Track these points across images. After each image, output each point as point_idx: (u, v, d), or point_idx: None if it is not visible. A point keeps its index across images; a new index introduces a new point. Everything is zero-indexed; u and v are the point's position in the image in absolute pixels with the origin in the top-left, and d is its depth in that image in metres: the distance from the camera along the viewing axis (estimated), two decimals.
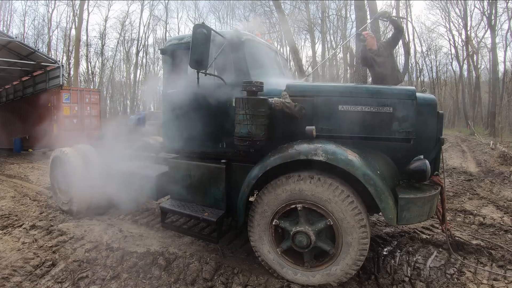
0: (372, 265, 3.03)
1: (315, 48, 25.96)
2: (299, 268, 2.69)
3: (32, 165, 9.15)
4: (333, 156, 2.41)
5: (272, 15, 21.98)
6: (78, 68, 23.65)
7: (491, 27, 21.33)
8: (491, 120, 20.01)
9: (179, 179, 3.39)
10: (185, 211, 3.21)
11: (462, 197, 5.39)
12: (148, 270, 2.89)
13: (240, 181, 2.92)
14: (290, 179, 2.56)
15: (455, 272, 2.89)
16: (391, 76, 4.34)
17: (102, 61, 32.65)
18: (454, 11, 27.83)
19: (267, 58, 3.55)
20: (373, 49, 4.44)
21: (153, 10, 34.84)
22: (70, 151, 4.53)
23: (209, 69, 2.89)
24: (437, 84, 32.42)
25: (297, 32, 27.30)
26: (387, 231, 3.92)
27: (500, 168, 7.81)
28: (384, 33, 23.75)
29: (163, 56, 3.57)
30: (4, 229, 3.93)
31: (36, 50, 10.92)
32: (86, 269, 2.93)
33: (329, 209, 2.46)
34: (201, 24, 2.70)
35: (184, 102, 3.28)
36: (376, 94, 2.75)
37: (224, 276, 2.81)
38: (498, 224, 4.09)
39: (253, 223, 2.79)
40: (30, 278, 2.79)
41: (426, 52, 32.27)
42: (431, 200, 2.49)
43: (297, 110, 2.78)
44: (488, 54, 25.84)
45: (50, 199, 5.36)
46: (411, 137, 2.66)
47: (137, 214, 4.59)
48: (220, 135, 3.13)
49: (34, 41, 28.73)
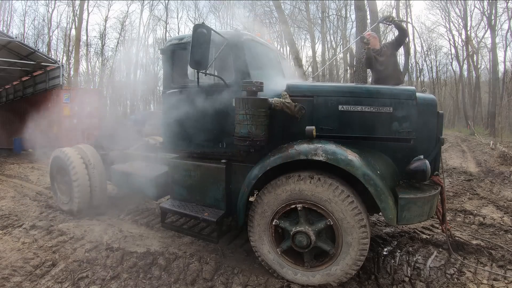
0: (372, 265, 3.03)
1: (315, 48, 25.96)
2: (299, 268, 2.69)
3: (32, 165, 9.15)
4: (333, 156, 2.41)
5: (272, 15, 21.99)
6: (78, 68, 23.66)
7: (491, 27, 21.35)
8: (491, 120, 20.02)
9: (179, 179, 3.39)
10: (185, 211, 3.21)
11: (462, 197, 5.39)
12: (148, 270, 2.89)
13: (240, 181, 2.92)
14: (290, 179, 2.56)
15: (455, 272, 2.89)
16: (392, 76, 4.35)
17: (102, 61, 32.66)
18: (454, 11, 27.87)
19: (267, 58, 3.55)
20: (376, 48, 4.47)
21: (153, 10, 34.79)
22: (70, 151, 4.53)
23: (209, 69, 2.89)
24: (437, 84, 32.41)
25: (297, 32, 27.31)
26: (387, 231, 3.92)
27: (500, 168, 7.81)
28: (384, 34, 23.78)
29: (163, 56, 3.57)
30: (4, 229, 3.93)
31: (36, 50, 10.91)
32: (86, 269, 2.93)
33: (329, 209, 2.46)
34: (201, 24, 2.70)
35: (184, 102, 3.28)
36: (376, 94, 2.75)
37: (224, 276, 2.81)
38: (498, 224, 4.09)
39: (253, 223, 2.79)
40: (30, 278, 2.79)
41: (426, 52, 32.30)
42: (431, 200, 2.49)
43: (297, 110, 2.78)
44: (488, 54, 25.87)
45: (50, 199, 5.36)
46: (411, 137, 2.66)
47: (137, 214, 4.59)
48: (220, 135, 3.13)
49: (34, 41, 28.72)
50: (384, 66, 4.40)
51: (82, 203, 4.41)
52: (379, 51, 4.46)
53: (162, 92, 3.60)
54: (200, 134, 3.24)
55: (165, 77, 3.54)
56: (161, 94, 3.61)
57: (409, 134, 2.66)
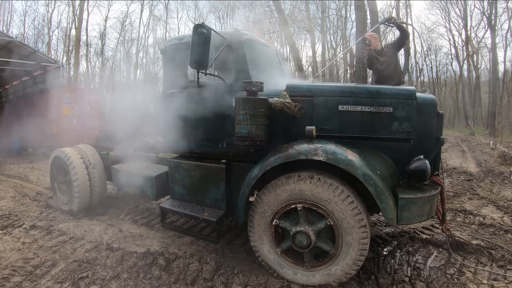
0: (372, 265, 3.03)
1: (315, 48, 25.95)
2: (299, 268, 2.69)
3: (32, 165, 9.15)
4: (333, 156, 2.41)
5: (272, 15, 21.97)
6: (78, 68, 23.63)
7: (491, 27, 21.33)
8: (491, 120, 20.00)
9: (179, 179, 3.39)
10: (185, 211, 3.21)
11: (462, 197, 5.39)
12: (148, 270, 2.89)
13: (240, 181, 2.92)
14: (290, 179, 2.56)
15: (455, 272, 2.89)
16: (393, 77, 4.36)
17: (102, 61, 32.67)
18: (454, 11, 27.86)
19: (267, 58, 3.55)
20: (377, 49, 4.49)
21: (153, 10, 34.80)
22: (70, 151, 4.53)
23: (209, 69, 2.89)
24: (437, 84, 32.39)
25: (297, 32, 27.29)
26: (387, 231, 3.92)
27: (500, 168, 7.81)
28: (384, 34, 23.77)
29: (163, 56, 3.57)
30: (4, 229, 3.93)
31: (36, 50, 10.93)
32: (86, 269, 2.93)
33: (329, 209, 2.46)
34: (201, 24, 2.70)
35: (184, 102, 3.28)
36: (376, 94, 2.75)
37: (224, 276, 2.81)
38: (498, 224, 4.08)
39: (253, 223, 2.79)
40: (30, 278, 2.79)
41: (426, 52, 32.29)
42: (431, 200, 2.49)
43: (297, 110, 2.78)
44: (488, 54, 25.85)
45: (50, 199, 5.36)
46: (411, 137, 2.66)
47: (137, 214, 4.59)
48: (220, 135, 3.13)
49: (34, 41, 28.71)
50: (385, 66, 4.41)
51: (82, 203, 4.41)
52: (381, 51, 4.48)
53: (162, 92, 3.60)
54: (200, 134, 3.24)
55: (165, 77, 3.54)
56: (161, 94, 3.61)
57: (409, 134, 2.66)
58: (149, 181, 3.64)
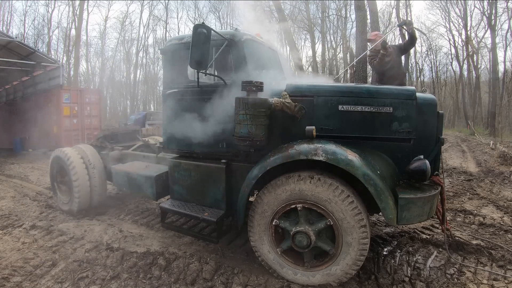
0: (372, 265, 3.03)
1: (315, 48, 25.98)
2: (299, 268, 2.69)
3: (32, 165, 9.15)
4: (333, 156, 2.41)
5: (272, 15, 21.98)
6: (78, 68, 23.67)
7: (491, 27, 21.31)
8: (491, 120, 19.97)
9: (179, 179, 3.39)
10: (185, 211, 3.21)
11: (462, 197, 5.39)
12: (148, 270, 2.89)
13: (240, 181, 2.92)
14: (290, 179, 2.56)
15: (455, 272, 2.89)
16: (396, 77, 4.37)
17: (102, 61, 32.69)
18: (454, 11, 27.83)
19: (267, 58, 3.55)
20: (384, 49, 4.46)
21: (153, 10, 34.81)
22: (70, 151, 4.53)
23: (209, 69, 2.89)
24: (437, 84, 32.36)
25: (297, 32, 27.30)
26: (387, 231, 3.92)
27: (500, 168, 7.80)
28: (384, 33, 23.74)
29: (163, 56, 3.57)
30: (4, 229, 3.94)
31: (36, 50, 10.92)
32: (86, 269, 2.94)
33: (329, 209, 2.46)
34: (201, 24, 2.70)
35: (184, 102, 3.28)
36: (376, 94, 2.75)
37: (224, 276, 2.81)
38: (498, 224, 4.08)
39: (253, 223, 2.79)
40: (30, 278, 2.79)
41: (426, 52, 32.28)
42: (431, 200, 2.49)
43: (297, 110, 2.78)
44: (488, 54, 25.81)
45: (50, 199, 5.36)
46: (411, 137, 2.66)
47: (137, 214, 4.59)
48: (220, 135, 3.13)
49: (34, 41, 28.72)
50: (389, 66, 4.41)
51: (82, 203, 4.41)
52: (386, 52, 4.47)
53: (162, 92, 3.60)
54: (200, 134, 3.24)
55: (165, 77, 3.54)
56: (161, 94, 3.61)
57: (409, 134, 2.65)
58: (149, 181, 3.64)
